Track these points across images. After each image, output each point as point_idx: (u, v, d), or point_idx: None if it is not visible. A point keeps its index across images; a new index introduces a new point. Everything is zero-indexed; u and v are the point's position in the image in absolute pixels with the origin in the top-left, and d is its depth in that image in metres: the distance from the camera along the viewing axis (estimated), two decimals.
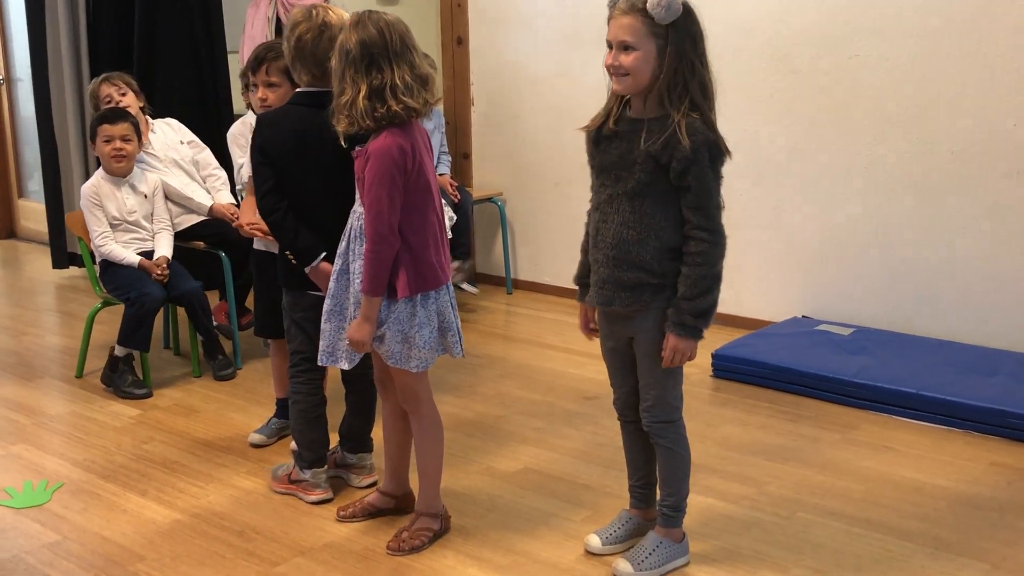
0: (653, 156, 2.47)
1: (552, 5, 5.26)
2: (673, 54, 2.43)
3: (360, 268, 2.69)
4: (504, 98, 5.65)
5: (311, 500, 3.16)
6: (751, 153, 4.78)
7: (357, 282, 2.71)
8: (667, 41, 2.42)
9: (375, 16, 2.65)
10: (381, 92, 2.60)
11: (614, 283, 2.58)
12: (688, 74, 2.44)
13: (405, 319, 2.71)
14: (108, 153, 4.21)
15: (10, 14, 7.03)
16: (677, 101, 2.46)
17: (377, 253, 2.64)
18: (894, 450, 3.53)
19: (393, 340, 2.72)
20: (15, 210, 7.38)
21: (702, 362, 4.34)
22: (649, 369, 2.64)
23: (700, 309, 2.52)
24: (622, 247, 2.55)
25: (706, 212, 2.50)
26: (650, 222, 2.52)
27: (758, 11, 4.67)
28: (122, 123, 4.23)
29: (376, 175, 2.62)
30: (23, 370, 4.50)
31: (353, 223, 2.76)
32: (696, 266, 2.51)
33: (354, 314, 2.75)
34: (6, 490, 3.30)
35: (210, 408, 3.97)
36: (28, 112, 6.89)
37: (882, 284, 4.51)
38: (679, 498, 2.73)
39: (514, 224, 5.76)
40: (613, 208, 2.57)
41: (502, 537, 2.95)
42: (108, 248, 4.18)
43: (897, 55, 4.33)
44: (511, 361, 4.52)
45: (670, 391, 2.66)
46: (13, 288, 6.05)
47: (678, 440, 2.69)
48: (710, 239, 2.50)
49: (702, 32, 2.47)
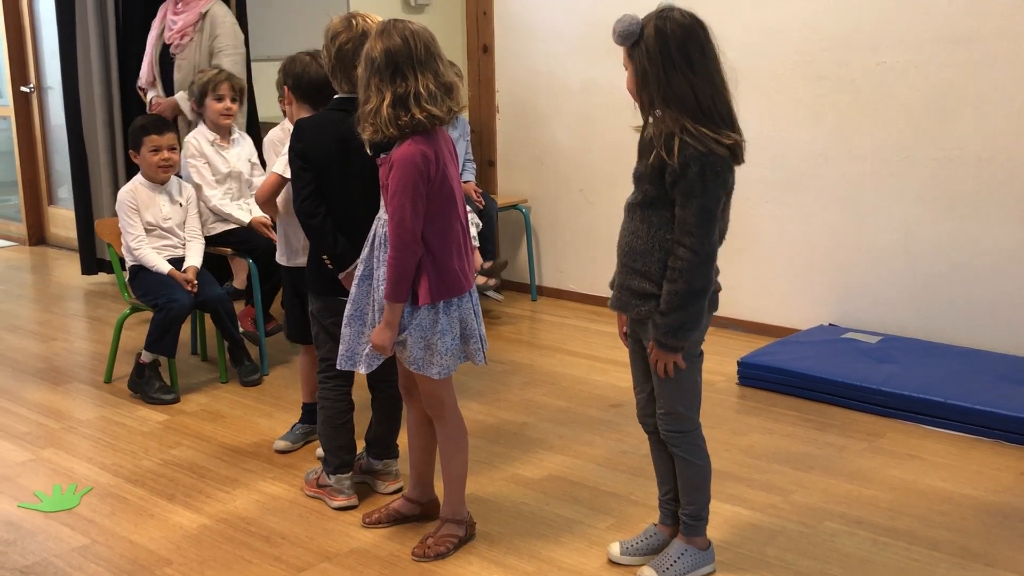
0: (656, 168, 2.51)
1: (578, 14, 5.27)
2: (640, 72, 2.49)
3: (384, 274, 2.71)
4: (529, 106, 5.67)
5: (335, 506, 3.18)
6: (777, 160, 4.77)
7: (381, 288, 2.73)
8: (639, 59, 2.49)
9: (400, 25, 2.66)
10: (405, 100, 2.62)
11: (627, 289, 2.62)
12: (656, 89, 2.47)
13: (427, 326, 2.72)
14: (156, 163, 4.26)
15: (41, 24, 7.12)
16: (661, 113, 2.49)
17: (400, 260, 2.65)
18: (921, 459, 3.50)
19: (415, 346, 2.73)
20: (45, 217, 7.46)
21: (728, 370, 4.34)
22: (657, 378, 2.65)
23: (672, 325, 2.52)
24: (631, 255, 2.60)
25: (687, 227, 2.49)
26: (655, 233, 2.56)
27: (785, 17, 4.66)
28: (169, 133, 4.31)
29: (400, 182, 2.63)
30: (52, 375, 4.54)
31: (377, 230, 2.78)
32: (672, 282, 2.52)
33: (376, 320, 2.77)
34: (36, 494, 3.33)
35: (236, 413, 4.00)
36: (58, 120, 6.97)
37: (909, 292, 4.49)
38: (698, 507, 2.73)
39: (539, 231, 5.77)
40: (628, 216, 2.63)
41: (527, 544, 2.95)
42: (142, 252, 4.23)
43: (925, 61, 4.31)
44: (536, 368, 4.52)
45: (679, 401, 2.65)
46: (43, 294, 6.11)
47: (693, 450, 2.69)
48: (688, 256, 2.50)
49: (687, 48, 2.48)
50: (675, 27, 2.48)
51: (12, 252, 7.25)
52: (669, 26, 2.47)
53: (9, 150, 7.50)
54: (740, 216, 4.85)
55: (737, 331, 4.98)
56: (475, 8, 5.84)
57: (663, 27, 2.47)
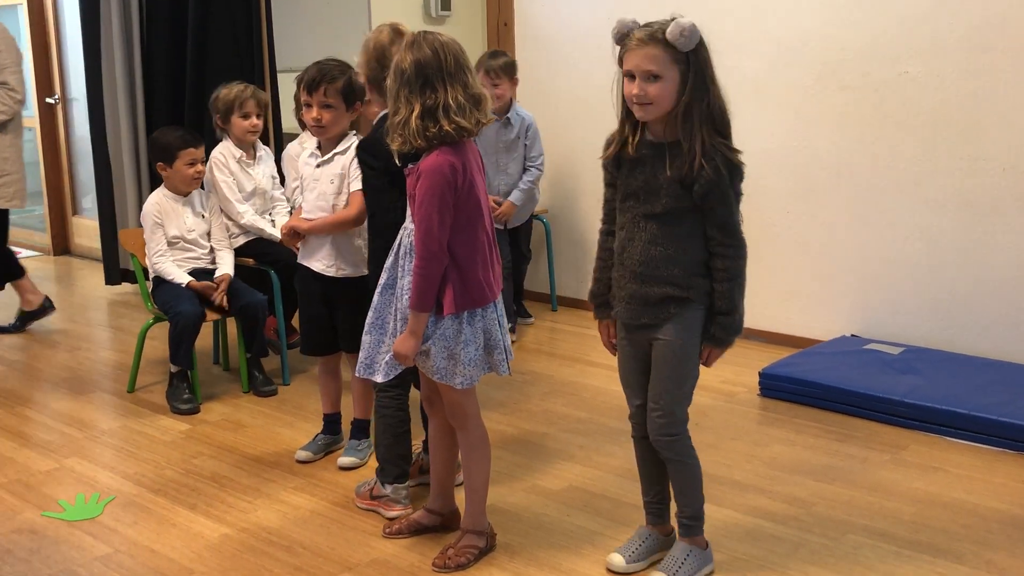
0: (678, 180, 2.53)
1: (598, 24, 5.27)
2: (695, 79, 2.49)
3: (409, 284, 2.71)
4: (549, 116, 5.67)
5: (391, 516, 3.17)
6: (800, 170, 4.75)
7: (405, 298, 2.73)
8: (688, 67, 2.49)
9: (430, 37, 2.67)
10: (434, 112, 2.62)
11: (641, 299, 2.65)
12: (708, 97, 2.50)
13: (451, 336, 2.73)
14: (191, 175, 4.31)
15: (66, 35, 7.20)
16: (698, 124, 2.50)
17: (426, 269, 2.65)
18: (945, 471, 3.48)
19: (438, 356, 2.73)
20: (69, 227, 7.53)
21: (749, 381, 4.32)
22: (661, 378, 2.68)
23: (737, 324, 2.66)
24: (650, 264, 2.62)
25: (728, 229, 2.60)
26: (678, 241, 2.60)
27: (808, 27, 4.65)
28: (203, 146, 4.37)
29: (427, 192, 2.64)
30: (76, 384, 4.57)
31: (403, 239, 2.78)
32: (725, 281, 2.62)
33: (398, 329, 2.77)
34: (59, 503, 3.35)
35: (258, 423, 4.01)
36: (83, 131, 7.04)
37: (932, 302, 4.46)
38: (696, 508, 2.78)
39: (559, 241, 5.77)
40: (639, 228, 2.63)
41: (547, 555, 2.95)
42: (162, 266, 4.27)
43: (948, 71, 4.29)
44: (556, 378, 4.52)
45: (676, 403, 2.70)
46: (67, 304, 6.16)
47: (684, 451, 2.74)
48: (734, 254, 2.61)
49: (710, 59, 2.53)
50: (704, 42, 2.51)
51: (37, 262, 7.30)
52: (702, 38, 2.49)
53: (34, 160, 7.57)
54: (763, 226, 4.87)
55: (759, 342, 4.96)
56: (496, 19, 5.85)
57: (702, 36, 2.49)
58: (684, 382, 2.69)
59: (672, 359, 2.66)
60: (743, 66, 4.77)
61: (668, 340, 2.65)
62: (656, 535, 2.87)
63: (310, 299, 3.54)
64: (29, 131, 7.65)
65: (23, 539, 3.11)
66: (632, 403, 2.82)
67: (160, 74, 5.65)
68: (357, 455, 3.60)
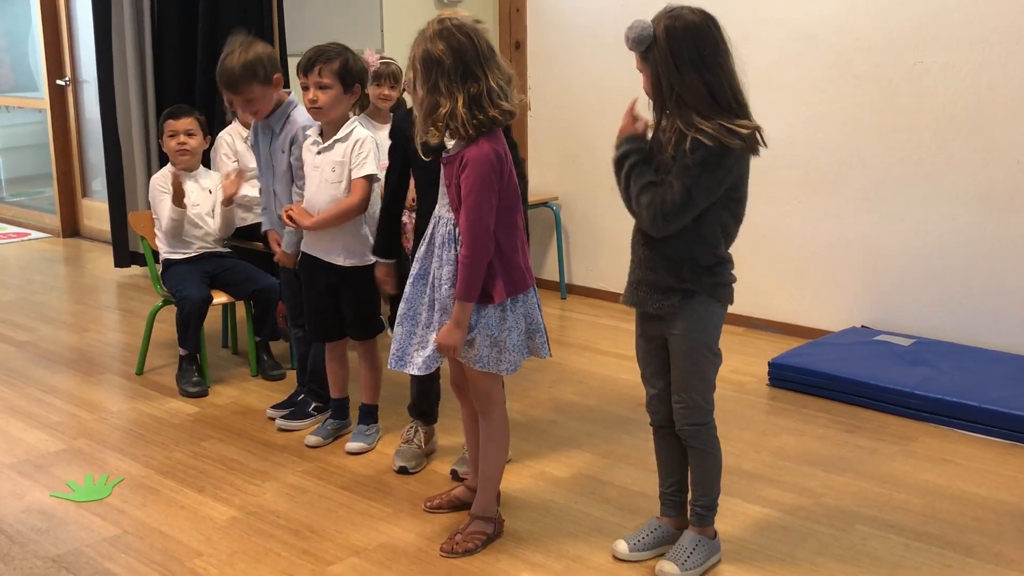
0: (673, 160, 2.53)
1: (611, 10, 5.24)
2: (657, 74, 2.52)
3: (448, 274, 2.70)
4: (561, 102, 5.65)
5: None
6: (812, 160, 4.73)
7: (445, 288, 2.72)
8: (654, 61, 2.52)
9: (458, 22, 2.64)
10: (479, 99, 2.61)
11: (647, 285, 2.65)
12: (679, 86, 2.49)
13: (495, 324, 2.72)
14: (173, 148, 4.32)
15: (77, 18, 7.18)
16: (678, 112, 2.51)
17: (476, 259, 2.64)
18: (955, 463, 3.46)
19: (483, 344, 2.73)
20: (79, 209, 7.53)
21: (759, 371, 4.31)
22: (681, 371, 2.68)
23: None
24: (651, 248, 2.63)
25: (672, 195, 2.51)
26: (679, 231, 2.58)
27: (821, 17, 4.62)
28: (186, 118, 4.35)
29: (476, 182, 2.62)
30: (85, 366, 4.58)
31: (439, 229, 2.75)
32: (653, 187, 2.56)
33: (432, 320, 2.75)
34: (68, 484, 3.36)
35: (267, 407, 4.01)
36: (92, 114, 7.03)
37: (944, 294, 4.44)
38: (712, 498, 2.78)
39: (569, 229, 5.76)
40: None
41: (555, 542, 2.95)
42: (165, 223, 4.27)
43: (962, 63, 4.26)
44: (565, 366, 4.51)
45: (699, 393, 2.70)
46: (76, 285, 6.17)
47: (710, 441, 2.74)
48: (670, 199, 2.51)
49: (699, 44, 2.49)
50: (685, 25, 2.50)
51: (46, 244, 7.32)
52: (679, 25, 2.50)
53: (44, 143, 7.58)
54: (774, 217, 4.85)
55: (769, 332, 4.95)
56: (508, 4, 5.83)
57: (674, 26, 2.50)
58: (703, 372, 2.68)
59: (688, 353, 2.65)
60: (755, 56, 4.73)
61: (680, 335, 2.65)
62: (666, 527, 2.86)
63: (316, 287, 3.53)
64: (40, 113, 7.67)
65: (32, 519, 3.12)
66: (648, 392, 2.81)
67: (171, 57, 5.64)
68: (365, 440, 3.60)
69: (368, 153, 3.34)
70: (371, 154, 3.34)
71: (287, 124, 3.58)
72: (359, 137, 3.37)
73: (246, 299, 4.34)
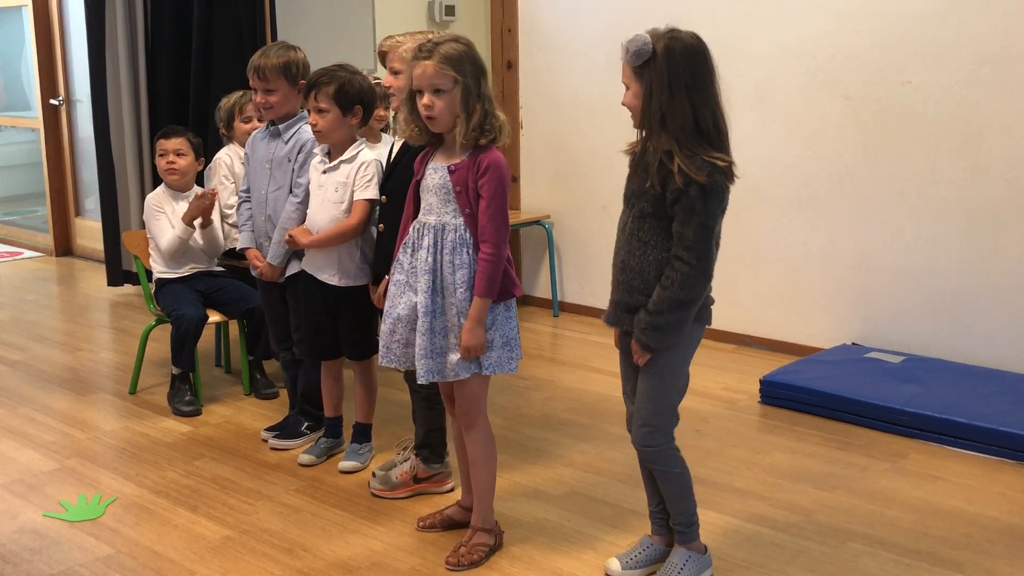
0: (658, 186, 2.55)
1: (602, 30, 5.29)
2: (649, 92, 2.52)
3: (463, 278, 2.74)
4: (553, 122, 5.69)
5: (448, 488, 3.35)
6: (802, 179, 4.76)
7: (460, 292, 2.75)
8: (646, 79, 2.52)
9: (451, 34, 2.77)
10: (492, 107, 2.74)
11: (622, 305, 2.68)
12: (667, 108, 2.50)
13: (503, 322, 2.81)
14: (162, 167, 4.36)
15: (71, 37, 7.21)
16: (659, 134, 2.53)
17: (498, 257, 2.73)
18: (945, 480, 3.48)
19: (497, 344, 2.80)
20: (72, 228, 7.54)
21: (750, 388, 4.33)
22: (643, 390, 2.70)
23: (654, 325, 2.59)
24: (628, 272, 2.65)
25: (687, 242, 2.53)
26: (650, 250, 2.60)
27: (810, 36, 4.66)
28: (176, 138, 4.37)
29: (498, 185, 2.73)
30: (78, 385, 4.58)
31: (447, 236, 2.77)
32: (665, 288, 2.57)
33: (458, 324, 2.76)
34: (61, 503, 3.36)
35: (260, 426, 4.01)
36: (86, 132, 7.05)
37: (933, 312, 4.47)
38: (688, 514, 2.79)
39: (561, 247, 5.78)
40: (625, 234, 2.67)
41: (548, 560, 2.95)
42: (169, 241, 4.26)
43: (951, 81, 4.30)
44: (558, 384, 4.53)
45: (658, 416, 2.70)
46: (69, 304, 6.17)
47: (669, 461, 2.74)
48: (685, 269, 2.54)
49: (695, 70, 2.51)
50: (685, 49, 2.52)
51: (39, 263, 7.32)
52: (679, 47, 2.51)
53: (37, 161, 7.59)
54: (763, 234, 4.88)
55: (759, 349, 4.97)
56: (500, 24, 5.87)
57: (673, 48, 2.51)
58: (665, 395, 2.69)
59: (653, 372, 2.66)
60: (745, 74, 4.79)
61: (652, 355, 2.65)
62: (658, 545, 2.87)
63: (312, 306, 3.54)
64: (33, 132, 7.68)
65: (25, 539, 3.12)
66: (628, 409, 2.84)
67: (164, 76, 5.66)
68: (358, 459, 3.60)
69: (372, 176, 3.37)
70: (375, 177, 3.37)
71: (296, 134, 3.59)
72: (364, 160, 3.39)
73: (239, 318, 4.35)
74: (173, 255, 4.29)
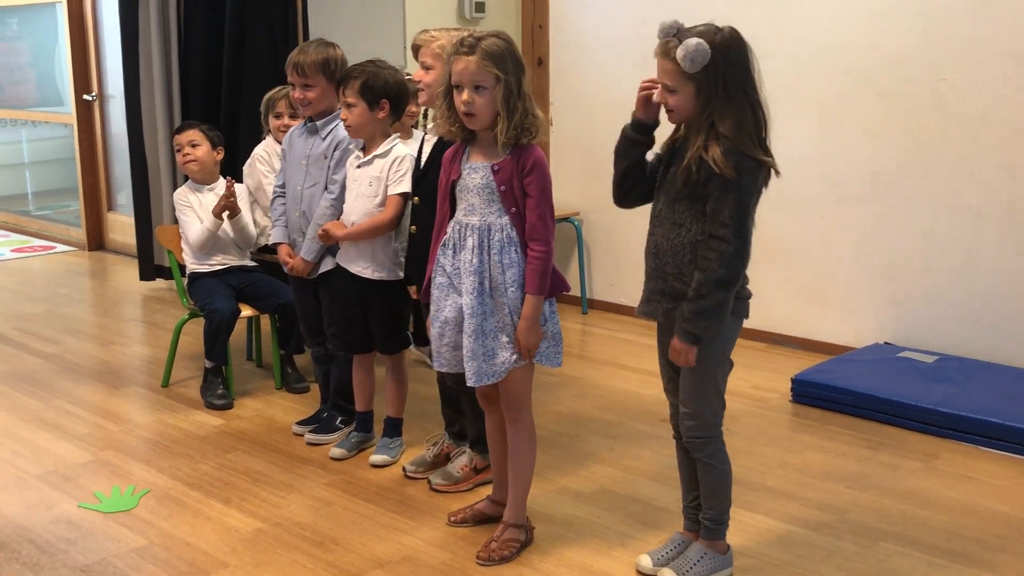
0: (691, 170, 2.53)
1: (633, 27, 5.28)
2: (707, 93, 2.49)
3: (513, 277, 2.75)
4: (582, 118, 5.68)
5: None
6: (835, 177, 4.73)
7: (511, 291, 2.76)
8: (703, 82, 2.49)
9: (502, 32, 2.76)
10: (532, 105, 2.73)
11: (657, 294, 2.67)
12: (723, 109, 2.49)
13: (549, 316, 2.84)
14: (180, 161, 4.44)
15: (104, 33, 7.27)
16: (712, 131, 2.51)
17: (549, 254, 2.76)
18: (978, 480, 3.45)
19: (547, 338, 2.83)
20: (104, 222, 7.61)
21: (782, 387, 4.31)
22: (686, 382, 2.69)
23: (697, 311, 2.55)
24: (659, 257, 2.65)
25: (723, 219, 2.51)
26: (685, 235, 2.58)
27: (845, 33, 4.63)
28: (188, 131, 4.44)
29: (544, 182, 2.74)
30: (111, 378, 4.62)
31: (493, 236, 2.76)
32: (703, 270, 2.55)
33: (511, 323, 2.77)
34: (95, 494, 3.39)
35: (291, 420, 4.03)
36: (118, 128, 7.11)
37: (967, 311, 4.43)
38: (720, 511, 2.78)
39: (590, 244, 5.78)
40: (658, 222, 2.67)
41: (579, 556, 2.95)
42: (199, 235, 4.30)
43: (987, 78, 4.26)
44: (586, 380, 4.52)
45: (705, 407, 2.69)
46: (102, 298, 6.23)
47: (715, 454, 2.73)
48: (721, 247, 2.51)
49: (745, 60, 2.50)
50: (738, 48, 2.50)
51: (72, 257, 7.39)
52: (733, 48, 2.49)
53: (71, 157, 7.66)
54: (796, 232, 4.85)
55: (791, 348, 4.94)
56: (531, 21, 5.87)
57: (728, 50, 2.48)
58: (709, 384, 2.67)
59: (698, 363, 2.64)
60: (777, 71, 4.75)
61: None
62: (691, 542, 2.86)
63: (345, 299, 3.56)
64: (66, 128, 7.75)
65: (61, 529, 3.15)
66: (670, 403, 2.83)
67: (196, 72, 5.71)
68: (389, 453, 3.62)
69: (406, 171, 3.38)
70: (408, 172, 3.38)
71: (333, 131, 3.61)
72: (398, 155, 3.41)
73: (271, 313, 4.38)
74: (203, 247, 4.32)
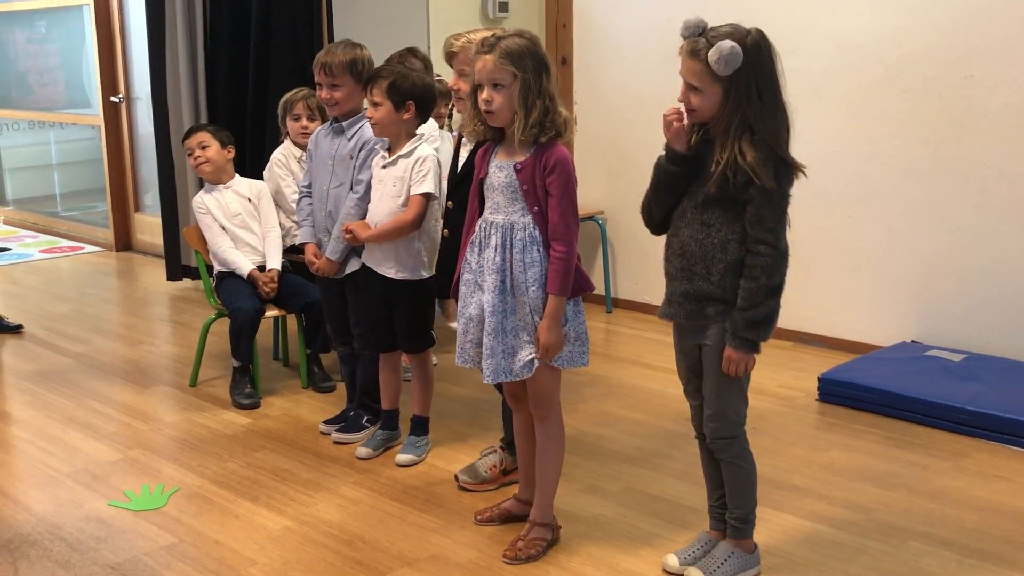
0: (722, 171, 2.51)
1: (657, 26, 5.27)
2: (736, 96, 2.48)
3: (535, 276, 2.75)
4: (606, 117, 5.67)
5: None
6: (861, 174, 4.71)
7: (532, 290, 2.76)
8: (731, 84, 2.48)
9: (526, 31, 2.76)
10: (554, 103, 2.72)
11: (681, 295, 2.65)
12: (754, 114, 2.48)
13: (573, 317, 2.83)
14: (193, 165, 4.46)
15: (131, 35, 7.33)
16: (737, 135, 2.50)
17: (571, 255, 2.75)
18: (1008, 480, 3.43)
19: (570, 339, 2.82)
20: (132, 223, 7.66)
21: (808, 386, 4.29)
22: (711, 383, 2.68)
23: (754, 320, 2.55)
24: (686, 257, 2.63)
25: (767, 224, 2.52)
26: (715, 235, 2.58)
27: (871, 30, 4.61)
28: (196, 134, 4.46)
29: (566, 182, 2.74)
30: (139, 378, 4.66)
31: (516, 235, 2.77)
32: (753, 279, 2.54)
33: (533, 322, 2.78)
34: (125, 493, 3.42)
35: (318, 419, 4.05)
36: (145, 129, 7.17)
37: (995, 309, 4.40)
38: (746, 511, 2.77)
39: (615, 243, 5.77)
40: (684, 222, 2.65)
41: (606, 555, 2.96)
42: (223, 253, 4.33)
43: (1014, 74, 4.23)
44: (612, 380, 4.52)
45: (730, 407, 2.69)
46: (129, 298, 6.28)
47: (740, 454, 2.73)
48: (769, 252, 2.52)
49: (772, 62, 2.49)
50: (767, 50, 2.49)
51: (99, 257, 7.45)
52: (764, 51, 2.48)
53: (98, 158, 7.72)
54: (822, 230, 4.83)
55: (818, 347, 4.92)
56: (555, 20, 5.87)
57: (759, 52, 2.47)
58: (734, 385, 2.67)
59: (717, 369, 2.64)
60: (804, 68, 4.74)
61: (712, 345, 2.64)
62: (716, 541, 2.86)
63: (371, 299, 3.57)
64: (94, 129, 7.82)
65: (91, 527, 3.18)
66: (691, 405, 2.83)
67: (222, 74, 5.74)
68: (415, 452, 3.63)
69: (428, 171, 3.39)
70: (431, 172, 3.39)
71: (359, 132, 3.62)
72: (421, 155, 3.41)
73: (297, 312, 4.40)
74: (223, 264, 4.36)
